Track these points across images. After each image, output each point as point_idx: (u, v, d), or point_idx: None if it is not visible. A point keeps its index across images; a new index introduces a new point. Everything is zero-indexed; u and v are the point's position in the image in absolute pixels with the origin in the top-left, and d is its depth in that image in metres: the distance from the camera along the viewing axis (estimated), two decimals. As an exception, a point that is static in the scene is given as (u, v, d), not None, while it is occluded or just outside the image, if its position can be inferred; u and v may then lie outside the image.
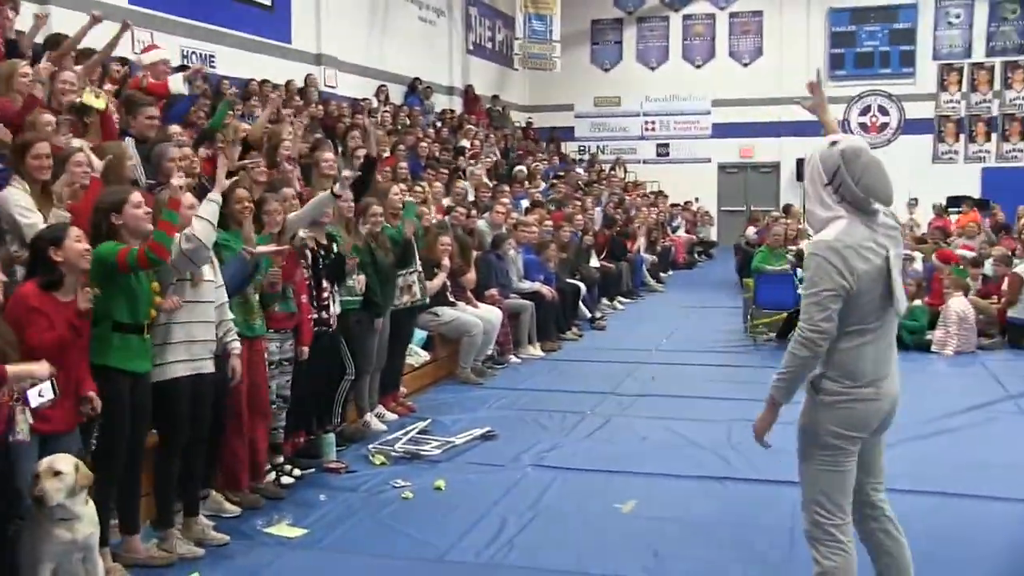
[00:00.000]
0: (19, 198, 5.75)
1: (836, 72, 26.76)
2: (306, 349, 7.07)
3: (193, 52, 15.09)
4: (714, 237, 26.81)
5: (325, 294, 7.39)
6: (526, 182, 16.97)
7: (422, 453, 7.73)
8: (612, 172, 24.85)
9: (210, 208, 5.63)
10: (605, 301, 15.86)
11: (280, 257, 6.59)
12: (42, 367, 4.58)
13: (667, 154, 28.65)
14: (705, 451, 7.72)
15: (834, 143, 3.95)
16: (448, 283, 10.27)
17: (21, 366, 4.53)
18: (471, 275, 10.78)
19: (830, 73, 26.16)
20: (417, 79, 21.21)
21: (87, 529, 4.82)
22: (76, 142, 6.53)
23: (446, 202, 12.08)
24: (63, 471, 4.66)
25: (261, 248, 6.39)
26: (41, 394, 4.66)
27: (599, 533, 6.06)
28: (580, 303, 14.18)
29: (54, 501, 4.60)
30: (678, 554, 5.66)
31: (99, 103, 7.02)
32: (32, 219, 5.62)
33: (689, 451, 7.77)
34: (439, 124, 19.66)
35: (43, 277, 4.95)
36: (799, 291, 5.42)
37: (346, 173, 7.52)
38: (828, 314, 3.82)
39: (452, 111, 22.26)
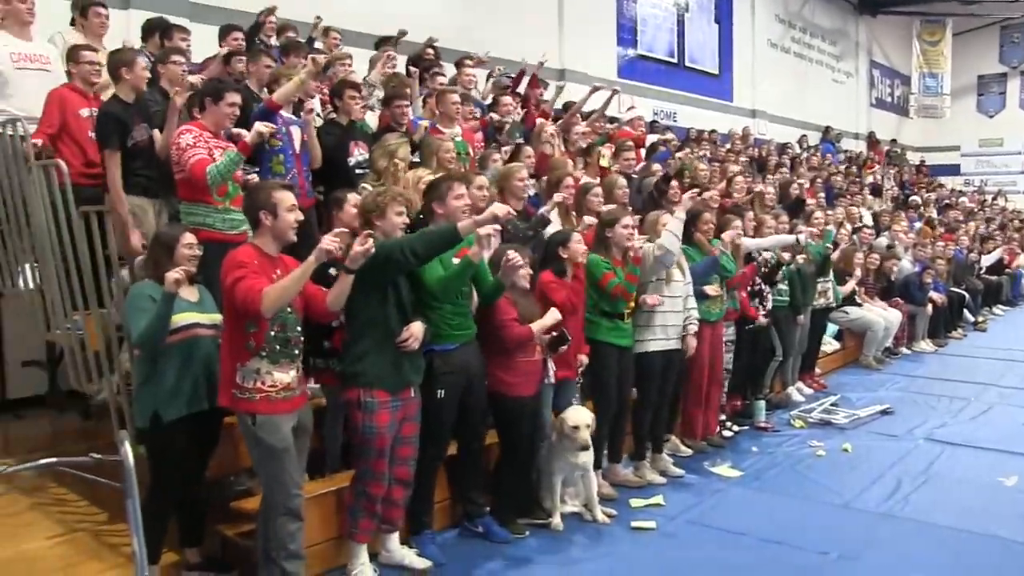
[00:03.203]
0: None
1: None
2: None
3: (661, 111, 15.33)
4: (1086, 256, 23.41)
5: (762, 299, 7.19)
6: (921, 208, 15.69)
7: (832, 421, 7.39)
8: (994, 202, 22.38)
9: (676, 225, 5.68)
10: (987, 308, 14.27)
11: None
12: (553, 314, 4.78)
13: (1045, 187, 25.35)
14: (1084, 440, 6.71)
15: None
16: (858, 288, 9.78)
17: (538, 322, 4.75)
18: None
19: None
20: (829, 127, 20.21)
21: (585, 455, 5.01)
22: (584, 178, 6.80)
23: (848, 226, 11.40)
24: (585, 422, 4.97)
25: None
26: (560, 342, 4.91)
27: (982, 500, 5.48)
28: (964, 309, 12.91)
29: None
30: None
31: (605, 154, 7.26)
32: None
33: (1067, 439, 6.78)
34: (847, 163, 18.61)
35: (555, 266, 5.19)
36: None
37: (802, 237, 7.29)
38: None
39: (858, 152, 21.03)
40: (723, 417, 6.88)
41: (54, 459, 3.61)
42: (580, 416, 5.00)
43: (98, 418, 5.53)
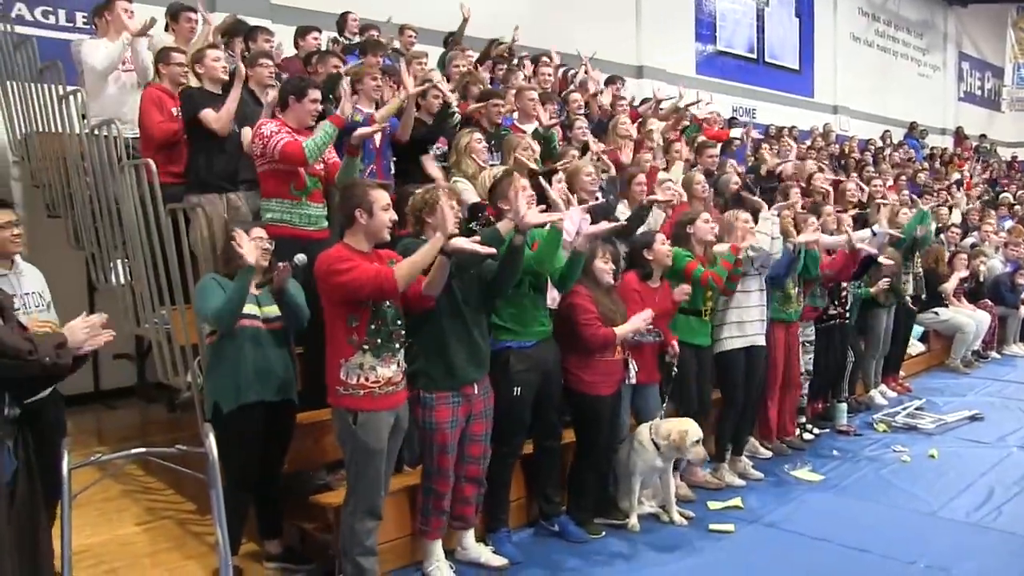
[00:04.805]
0: (623, 211, 6.02)
1: None
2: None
3: (740, 107, 15.06)
4: None
5: (844, 293, 6.95)
6: (1013, 206, 15.04)
7: (918, 426, 7.10)
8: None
9: (767, 225, 5.58)
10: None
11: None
12: (645, 314, 4.66)
13: None
14: None
15: None
16: (945, 289, 9.37)
17: (625, 326, 4.64)
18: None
19: None
20: (914, 123, 19.55)
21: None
22: (662, 175, 6.70)
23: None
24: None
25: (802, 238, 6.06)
26: (651, 336, 4.83)
27: (1087, 514, 5.15)
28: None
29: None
30: None
31: (678, 170, 7.14)
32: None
33: None
34: (931, 159, 18.00)
35: (640, 270, 5.12)
36: None
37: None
38: None
39: (944, 148, 20.32)
40: (803, 419, 6.69)
41: (143, 449, 3.71)
42: (697, 429, 4.88)
43: (183, 409, 5.67)
